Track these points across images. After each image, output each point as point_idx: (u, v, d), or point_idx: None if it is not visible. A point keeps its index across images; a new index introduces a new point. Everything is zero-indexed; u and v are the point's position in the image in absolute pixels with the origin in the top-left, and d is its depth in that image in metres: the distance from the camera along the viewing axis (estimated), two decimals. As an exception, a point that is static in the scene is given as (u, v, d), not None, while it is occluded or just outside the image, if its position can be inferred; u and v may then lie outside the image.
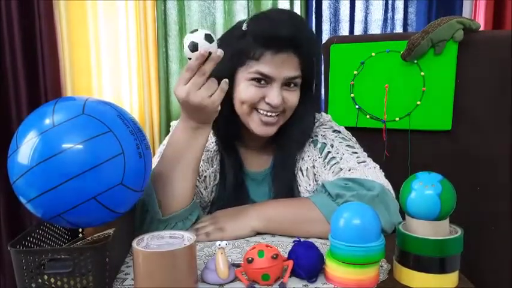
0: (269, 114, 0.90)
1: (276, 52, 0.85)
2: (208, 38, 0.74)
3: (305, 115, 0.96)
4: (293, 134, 0.96)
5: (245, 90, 0.89)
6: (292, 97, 0.91)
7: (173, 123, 1.04)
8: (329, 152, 0.95)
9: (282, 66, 0.86)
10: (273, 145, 1.01)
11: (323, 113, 1.06)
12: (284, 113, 0.92)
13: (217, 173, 0.98)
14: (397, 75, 1.33)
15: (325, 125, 1.01)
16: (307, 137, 0.98)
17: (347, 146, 0.96)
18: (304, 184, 0.96)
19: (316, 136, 0.98)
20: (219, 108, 0.80)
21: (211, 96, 0.77)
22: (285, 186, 0.97)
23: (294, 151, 0.98)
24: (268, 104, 0.88)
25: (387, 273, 0.69)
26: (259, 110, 0.90)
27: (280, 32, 0.84)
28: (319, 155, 0.96)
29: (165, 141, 0.99)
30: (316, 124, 1.01)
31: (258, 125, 0.91)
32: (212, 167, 0.98)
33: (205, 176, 0.97)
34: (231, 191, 0.96)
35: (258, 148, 1.02)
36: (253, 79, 0.88)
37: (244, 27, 0.88)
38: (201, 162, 0.96)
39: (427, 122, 1.32)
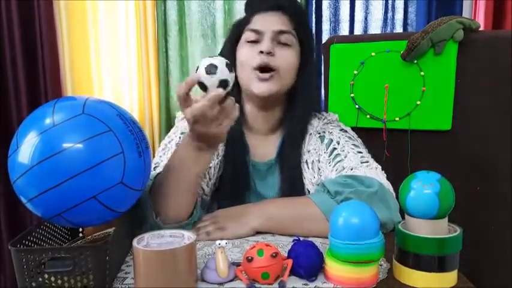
0: (262, 66, 0.91)
1: (263, 12, 0.96)
2: (229, 67, 0.71)
3: (306, 84, 0.99)
4: (297, 107, 0.99)
5: (242, 52, 0.96)
6: (285, 54, 0.94)
7: (178, 114, 1.06)
8: (334, 149, 0.96)
9: (270, 21, 0.94)
10: (279, 131, 1.02)
11: (331, 113, 1.07)
12: (278, 73, 0.93)
13: (222, 163, 0.99)
14: (397, 75, 1.33)
15: (333, 123, 1.03)
16: (311, 110, 1.02)
17: (353, 145, 0.97)
18: (309, 176, 0.96)
19: (324, 132, 1.00)
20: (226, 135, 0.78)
21: (221, 124, 0.75)
22: (290, 175, 0.97)
23: (299, 129, 0.99)
24: (260, 53, 0.92)
25: (386, 272, 0.70)
26: (255, 69, 0.93)
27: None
28: (325, 150, 0.97)
29: (170, 133, 1.02)
30: (324, 121, 1.02)
31: (256, 83, 0.94)
32: (217, 158, 0.98)
33: (210, 167, 0.97)
34: (235, 179, 0.97)
35: (264, 133, 1.03)
36: (247, 41, 0.95)
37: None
38: None
39: (427, 122, 1.32)
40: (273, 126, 1.02)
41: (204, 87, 0.71)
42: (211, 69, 0.69)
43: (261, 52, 0.92)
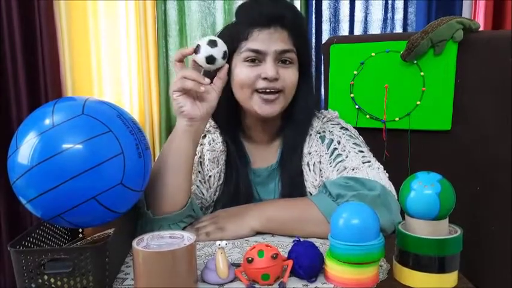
0: (267, 91, 0.90)
1: (262, 28, 0.89)
2: (224, 55, 0.81)
3: (306, 96, 0.97)
4: (297, 118, 0.97)
5: (241, 72, 0.91)
6: (289, 74, 0.91)
7: None
8: (335, 149, 0.95)
9: (271, 40, 0.89)
10: (279, 138, 1.01)
11: (330, 110, 1.06)
12: (284, 93, 0.92)
13: (222, 173, 0.98)
14: (397, 75, 1.33)
15: (333, 121, 1.01)
16: (312, 116, 1.00)
17: (354, 144, 0.96)
18: (311, 179, 0.96)
19: (324, 132, 0.99)
20: (185, 107, 0.81)
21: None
22: (291, 180, 0.97)
23: (299, 139, 0.98)
24: (264, 78, 0.89)
25: (387, 273, 0.70)
26: (258, 90, 0.90)
27: (262, 8, 0.89)
28: (326, 151, 0.96)
29: None
30: (324, 120, 1.01)
31: (260, 105, 0.91)
32: (217, 167, 0.98)
33: (210, 176, 0.97)
34: (237, 190, 0.96)
35: (264, 142, 1.02)
36: (246, 60, 0.90)
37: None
38: (207, 162, 0.97)
39: (427, 122, 1.32)
40: (272, 135, 1.02)
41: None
42: (211, 61, 0.80)
43: (265, 78, 0.89)
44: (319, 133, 0.99)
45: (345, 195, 0.82)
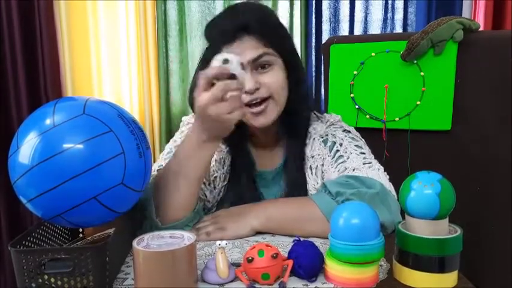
0: (253, 102, 0.89)
1: (228, 44, 0.87)
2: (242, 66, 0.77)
3: (296, 98, 0.95)
4: (292, 112, 0.96)
5: None
6: (270, 77, 0.89)
7: (184, 119, 1.06)
8: (337, 151, 0.95)
9: (242, 51, 0.86)
10: (283, 140, 1.01)
11: (333, 114, 1.06)
12: (273, 98, 0.90)
13: (227, 173, 0.98)
14: (397, 75, 1.33)
15: (336, 124, 1.02)
16: (307, 109, 0.99)
17: (356, 146, 0.96)
18: (312, 182, 0.96)
19: (327, 135, 0.99)
20: (233, 127, 0.79)
21: (230, 113, 0.75)
22: (295, 182, 0.97)
23: (299, 138, 0.98)
24: (246, 92, 0.87)
25: (387, 272, 0.70)
26: (247, 104, 0.89)
27: (221, 25, 0.88)
28: (329, 153, 0.96)
29: (175, 137, 1.01)
30: (327, 124, 1.01)
31: (253, 118, 0.90)
32: (223, 168, 0.98)
33: (215, 177, 0.97)
34: (243, 192, 0.96)
35: (268, 145, 1.02)
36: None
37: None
38: (213, 163, 0.97)
39: (427, 122, 1.32)
40: (275, 139, 1.01)
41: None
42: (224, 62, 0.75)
43: (246, 92, 0.86)
44: (322, 137, 0.99)
45: (344, 193, 0.82)
